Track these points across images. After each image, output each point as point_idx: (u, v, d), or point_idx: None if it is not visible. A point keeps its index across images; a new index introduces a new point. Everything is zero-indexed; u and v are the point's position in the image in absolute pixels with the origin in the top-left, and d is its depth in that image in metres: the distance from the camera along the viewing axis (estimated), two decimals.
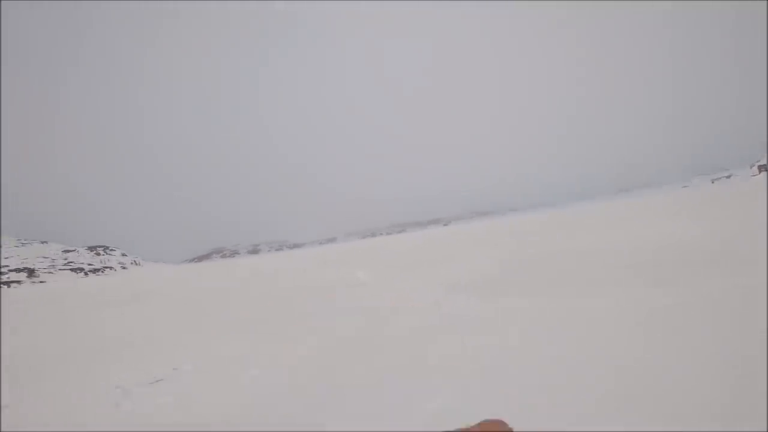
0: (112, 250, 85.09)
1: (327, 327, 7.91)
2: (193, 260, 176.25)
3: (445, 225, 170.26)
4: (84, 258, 75.02)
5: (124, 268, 78.35)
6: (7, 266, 60.25)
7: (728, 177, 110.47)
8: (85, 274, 68.25)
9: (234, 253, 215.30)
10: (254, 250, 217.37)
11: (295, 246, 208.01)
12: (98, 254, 79.48)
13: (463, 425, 0.77)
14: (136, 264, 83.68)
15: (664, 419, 3.11)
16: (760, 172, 79.55)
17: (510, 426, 0.75)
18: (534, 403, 3.54)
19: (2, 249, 65.14)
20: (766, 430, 2.80)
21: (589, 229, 20.56)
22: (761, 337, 4.17)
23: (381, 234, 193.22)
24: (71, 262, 70.80)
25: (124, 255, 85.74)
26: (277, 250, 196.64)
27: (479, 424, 0.73)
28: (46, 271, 63.34)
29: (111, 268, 75.99)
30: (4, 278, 55.77)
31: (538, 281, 9.03)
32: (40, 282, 58.29)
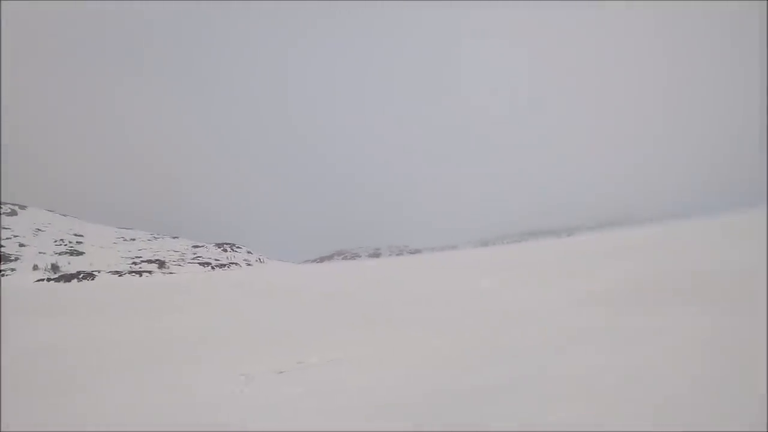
0: (238, 247, 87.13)
1: (451, 331, 7.87)
2: (315, 261, 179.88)
3: (568, 235, 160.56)
4: (212, 254, 77.11)
5: (249, 264, 79.83)
6: (140, 257, 62.06)
7: None
8: (212, 268, 69.72)
9: (355, 256, 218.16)
10: (375, 254, 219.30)
11: (416, 251, 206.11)
12: (225, 251, 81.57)
13: None
14: (261, 262, 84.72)
15: None
16: None
17: None
18: (661, 424, 3.48)
19: (137, 242, 67.77)
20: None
21: (720, 244, 19.82)
22: None
23: (501, 243, 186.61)
24: (200, 257, 72.68)
25: (249, 252, 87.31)
26: (397, 254, 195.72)
27: None
28: (176, 263, 64.55)
29: (237, 264, 77.56)
30: (137, 268, 56.57)
31: (667, 298, 8.83)
32: (170, 273, 59.07)
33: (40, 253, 51.95)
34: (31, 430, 4.41)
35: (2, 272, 47.11)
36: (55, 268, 48.87)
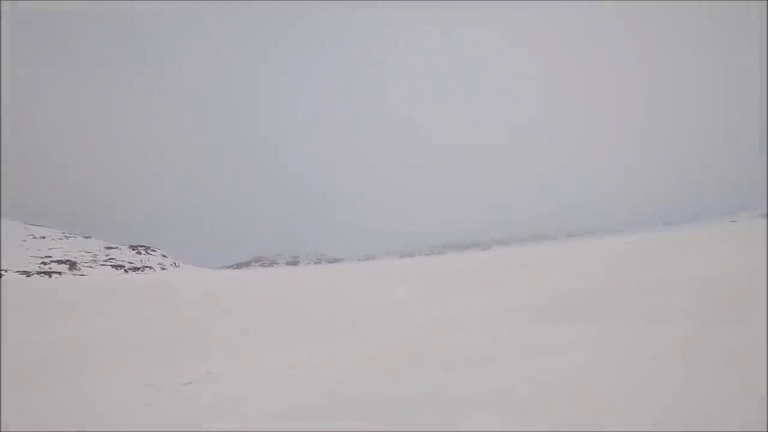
0: (153, 250, 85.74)
1: (367, 342, 7.73)
2: (232, 267, 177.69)
3: (485, 249, 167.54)
4: (125, 256, 75.92)
5: (163, 269, 78.90)
6: (50, 257, 61.00)
7: None
8: (125, 271, 68.85)
9: (273, 263, 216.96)
10: (293, 261, 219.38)
11: (335, 260, 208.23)
12: (139, 253, 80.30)
13: None
14: (176, 266, 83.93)
15: None
16: None
17: None
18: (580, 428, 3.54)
19: (47, 240, 66.18)
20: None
21: (635, 261, 20.37)
22: None
23: (420, 254, 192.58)
24: (112, 259, 71.52)
25: (164, 256, 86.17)
26: (315, 263, 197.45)
27: None
28: (87, 265, 63.67)
29: (151, 267, 76.54)
30: (46, 268, 55.80)
31: (584, 311, 8.90)
32: (81, 275, 58.43)
33: None
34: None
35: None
36: None
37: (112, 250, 76.50)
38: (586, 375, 4.86)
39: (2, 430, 4.29)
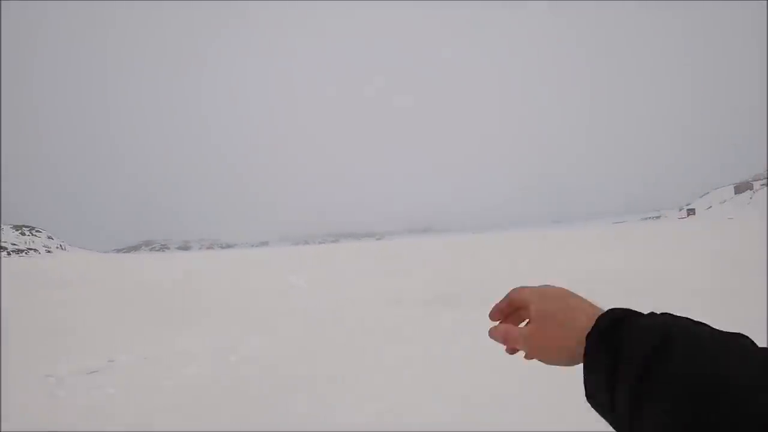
0: (38, 231, 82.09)
1: (265, 328, 7.85)
2: (121, 250, 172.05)
3: (378, 239, 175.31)
4: (8, 237, 72.99)
5: (48, 251, 76.03)
6: None
7: (657, 217, 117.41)
8: (8, 254, 66.79)
9: (164, 248, 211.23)
10: (184, 246, 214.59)
11: (227, 246, 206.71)
12: (23, 234, 77.50)
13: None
14: (62, 249, 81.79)
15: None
16: (688, 215, 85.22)
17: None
18: (472, 408, 3.70)
19: None
20: None
21: (523, 254, 20.86)
22: None
23: (314, 242, 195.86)
24: None
25: (50, 238, 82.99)
26: (207, 248, 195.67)
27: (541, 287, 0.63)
28: None
29: (35, 250, 74.17)
30: None
31: (475, 299, 9.03)
32: None
33: None
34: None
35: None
36: None
37: None
38: (474, 354, 5.00)
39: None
